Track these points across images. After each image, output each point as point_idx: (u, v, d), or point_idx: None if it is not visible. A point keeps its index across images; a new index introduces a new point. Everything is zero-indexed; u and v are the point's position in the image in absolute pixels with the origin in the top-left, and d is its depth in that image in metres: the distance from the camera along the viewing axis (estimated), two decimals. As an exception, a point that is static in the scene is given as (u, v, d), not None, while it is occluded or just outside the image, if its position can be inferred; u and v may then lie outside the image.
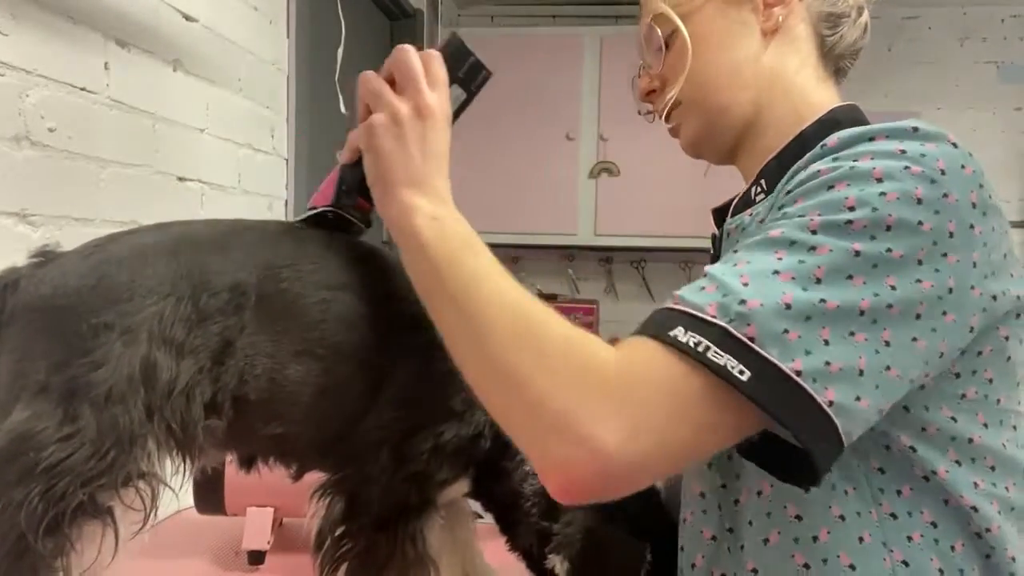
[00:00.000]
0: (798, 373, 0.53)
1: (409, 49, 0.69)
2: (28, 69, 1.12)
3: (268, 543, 1.07)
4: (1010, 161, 3.24)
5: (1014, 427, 0.65)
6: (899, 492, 0.64)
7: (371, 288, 0.74)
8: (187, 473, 0.71)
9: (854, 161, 0.60)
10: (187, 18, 1.49)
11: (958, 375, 0.63)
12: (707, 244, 0.91)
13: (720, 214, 0.85)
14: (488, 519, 0.85)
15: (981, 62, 3.28)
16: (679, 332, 0.55)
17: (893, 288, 0.56)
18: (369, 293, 0.73)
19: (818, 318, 0.55)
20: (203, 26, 1.55)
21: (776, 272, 0.56)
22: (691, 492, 0.75)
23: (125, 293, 0.65)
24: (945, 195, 0.58)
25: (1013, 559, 0.64)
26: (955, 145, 0.61)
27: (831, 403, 0.54)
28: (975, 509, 0.63)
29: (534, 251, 3.47)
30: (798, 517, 0.65)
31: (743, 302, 0.54)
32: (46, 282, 0.66)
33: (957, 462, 0.63)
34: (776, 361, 0.53)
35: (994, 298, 0.60)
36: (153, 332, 0.65)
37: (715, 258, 0.82)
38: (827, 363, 0.54)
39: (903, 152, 0.59)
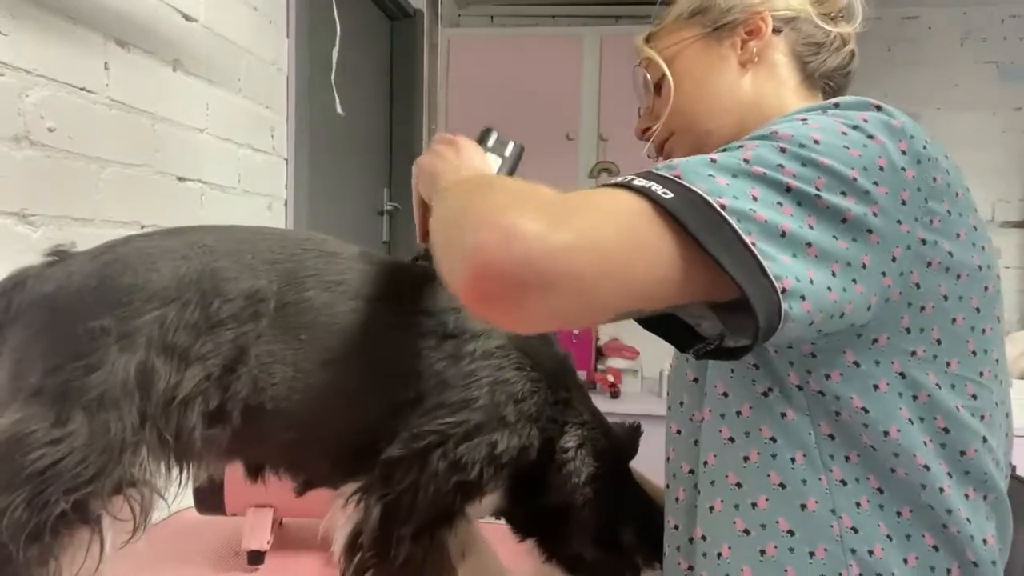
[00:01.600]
0: (723, 207, 0.54)
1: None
2: (28, 69, 1.12)
3: (268, 543, 1.07)
4: (1010, 161, 3.24)
5: (973, 396, 0.66)
6: (847, 458, 0.65)
7: (401, 300, 0.73)
8: (184, 482, 0.69)
9: (795, 119, 0.63)
10: (187, 18, 1.49)
11: (908, 331, 0.64)
12: None
13: None
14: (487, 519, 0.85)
15: (981, 62, 3.27)
16: (608, 182, 0.58)
17: (818, 190, 0.58)
18: (399, 305, 0.73)
19: (744, 177, 0.57)
20: (203, 26, 1.55)
21: (712, 161, 0.59)
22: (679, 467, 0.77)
23: (125, 297, 0.65)
24: (871, 136, 0.61)
25: (968, 520, 0.65)
26: (890, 114, 0.64)
27: (755, 244, 0.54)
28: (927, 468, 0.64)
29: (534, 251, 3.47)
30: (738, 484, 0.68)
31: (672, 167, 0.57)
32: (51, 282, 0.66)
33: (909, 420, 0.64)
34: (700, 192, 0.54)
35: (923, 242, 0.62)
36: (152, 338, 0.64)
37: None
38: (752, 211, 0.55)
39: (845, 123, 0.62)
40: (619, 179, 0.57)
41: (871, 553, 0.64)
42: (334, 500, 0.75)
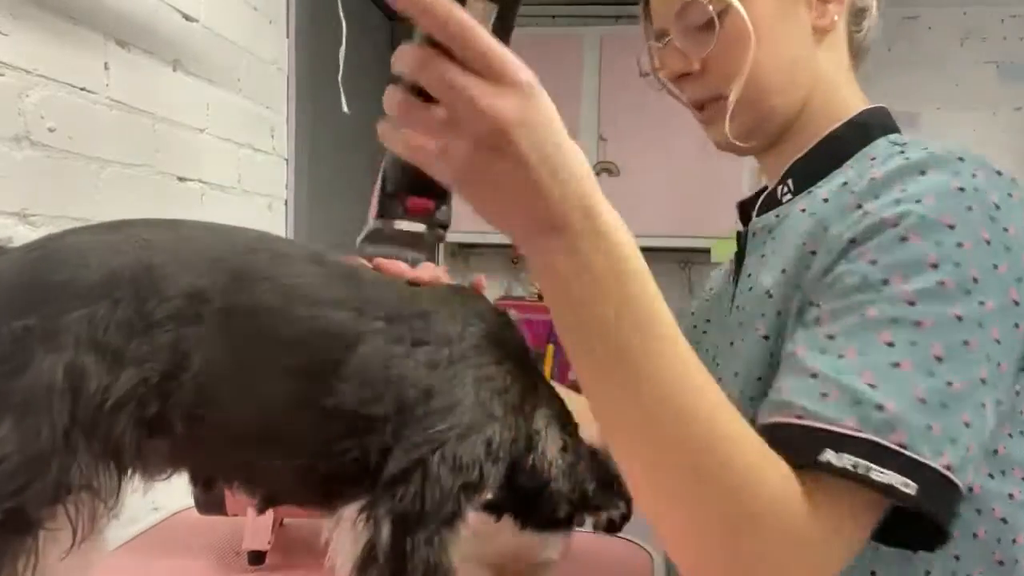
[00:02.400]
0: (948, 468, 0.53)
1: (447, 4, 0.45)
2: (28, 69, 1.12)
3: (268, 543, 1.07)
4: (1010, 161, 3.24)
5: None
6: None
7: (363, 306, 0.68)
8: (120, 487, 0.64)
9: (917, 203, 0.59)
10: (187, 18, 1.49)
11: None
12: (706, 244, 0.92)
13: (745, 208, 0.84)
14: None
15: (981, 62, 3.27)
16: (830, 456, 0.53)
17: (997, 341, 0.57)
18: (361, 312, 0.68)
19: (952, 403, 0.54)
20: (203, 26, 1.55)
21: (896, 364, 0.55)
22: None
23: (51, 294, 0.60)
24: (1005, 230, 0.59)
25: None
26: (999, 173, 0.62)
27: (965, 484, 0.55)
28: (1004, 521, 0.63)
29: (534, 251, 3.47)
30: None
31: (880, 407, 0.53)
32: None
33: (990, 475, 0.63)
34: (931, 463, 0.53)
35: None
36: (81, 337, 0.59)
37: (741, 256, 0.80)
38: (967, 448, 0.54)
39: (961, 189, 0.59)
40: (849, 460, 0.52)
41: None
42: (333, 524, 0.71)
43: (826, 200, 0.69)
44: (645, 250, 0.57)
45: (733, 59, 0.70)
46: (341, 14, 2.01)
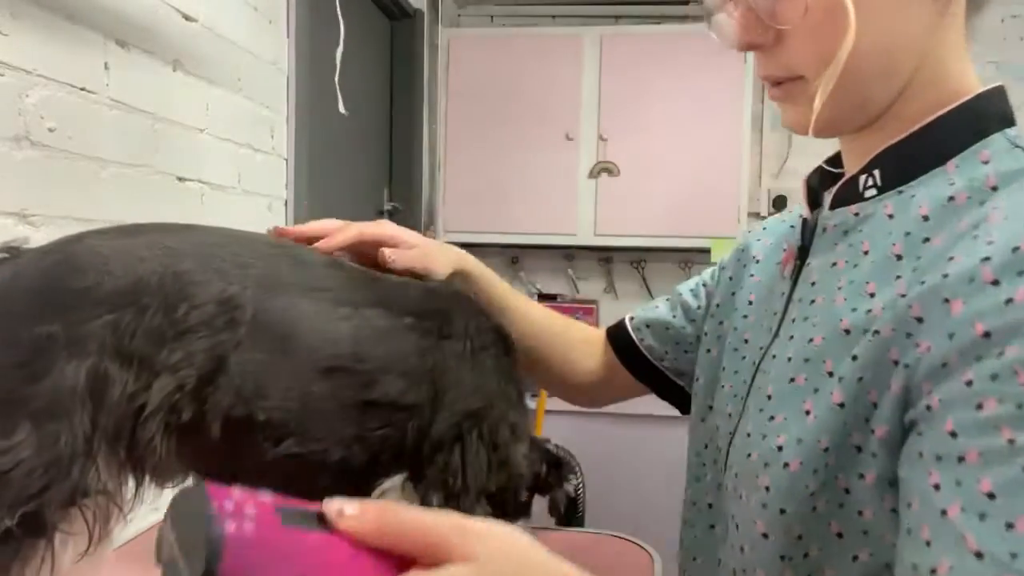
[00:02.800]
0: None
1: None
2: (28, 69, 1.12)
3: (268, 543, 1.06)
4: (1010, 161, 3.24)
5: None
6: None
7: (390, 305, 0.72)
8: (147, 494, 0.66)
9: None
10: (187, 18, 1.49)
11: None
12: (706, 244, 0.89)
13: (813, 191, 0.71)
14: None
15: (981, 62, 3.27)
16: None
17: None
18: (389, 310, 0.71)
19: None
20: (203, 26, 1.55)
21: None
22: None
23: (74, 300, 0.60)
24: None
25: None
26: None
27: None
28: None
29: (534, 251, 3.47)
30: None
31: None
32: None
33: None
34: None
35: None
36: (105, 343, 0.60)
37: (804, 250, 0.69)
38: None
39: None
40: None
41: None
42: (377, 494, 0.73)
43: (926, 218, 0.57)
44: (645, 250, 0.57)
45: (821, 36, 0.56)
46: (339, 14, 2.02)
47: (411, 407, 0.70)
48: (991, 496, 0.44)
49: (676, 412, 0.93)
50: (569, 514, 0.89)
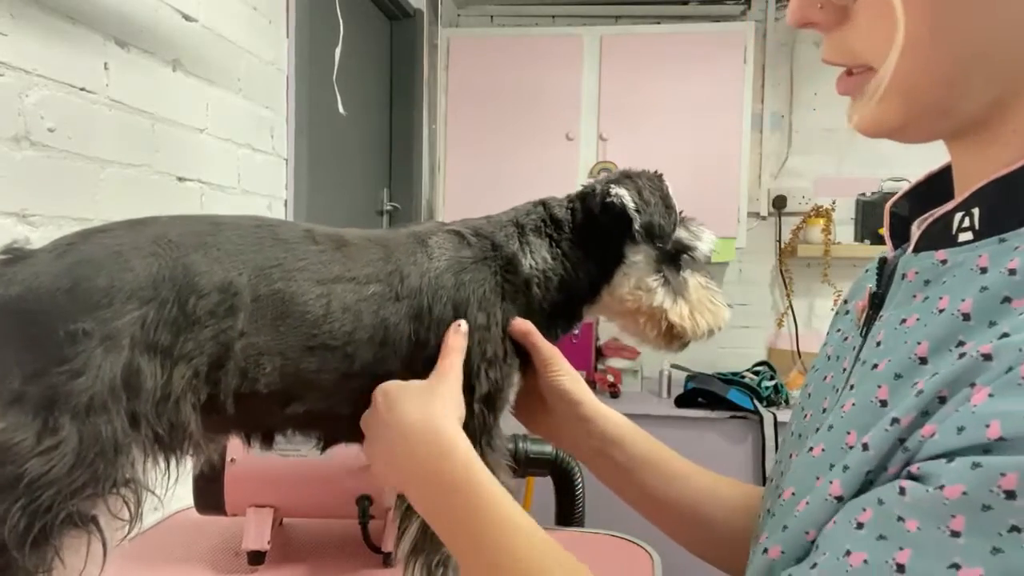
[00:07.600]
0: None
1: None
2: (28, 69, 1.12)
3: (268, 543, 1.07)
4: (1010, 161, 3.23)
5: None
6: None
7: (358, 272, 0.77)
8: (179, 474, 0.71)
9: None
10: (186, 18, 1.49)
11: None
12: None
13: (901, 217, 0.59)
14: None
15: None
16: None
17: None
18: (356, 279, 0.77)
19: None
20: (202, 26, 1.55)
21: None
22: None
23: (104, 298, 0.64)
24: None
25: None
26: None
27: None
28: None
29: (534, 251, 3.47)
30: None
31: None
32: (16, 282, 0.63)
33: None
34: None
35: None
36: (136, 338, 0.64)
37: (878, 298, 0.55)
38: None
39: None
40: None
41: None
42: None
43: (1013, 272, 0.44)
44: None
45: (883, 25, 0.45)
46: (339, 15, 2.02)
47: (391, 373, 0.76)
48: (900, 569, 0.39)
49: (676, 413, 0.92)
50: (569, 514, 0.89)
